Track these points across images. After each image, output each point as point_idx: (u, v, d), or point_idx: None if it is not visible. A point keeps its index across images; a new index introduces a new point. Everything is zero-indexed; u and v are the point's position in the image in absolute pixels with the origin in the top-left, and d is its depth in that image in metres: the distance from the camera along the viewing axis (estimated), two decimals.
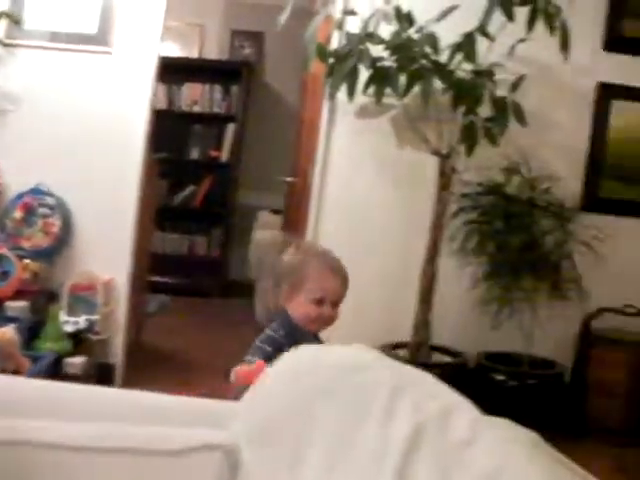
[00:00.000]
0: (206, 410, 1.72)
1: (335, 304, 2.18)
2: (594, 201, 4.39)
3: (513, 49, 3.89)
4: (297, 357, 1.63)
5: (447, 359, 4.10)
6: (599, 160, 4.41)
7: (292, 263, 2.21)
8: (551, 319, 4.15)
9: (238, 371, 1.99)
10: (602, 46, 4.39)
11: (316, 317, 2.17)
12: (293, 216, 4.76)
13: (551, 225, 4.03)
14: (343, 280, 2.21)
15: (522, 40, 3.82)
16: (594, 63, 4.36)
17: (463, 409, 1.40)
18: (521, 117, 3.87)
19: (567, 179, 4.24)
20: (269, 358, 2.03)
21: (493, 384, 4.05)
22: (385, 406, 1.36)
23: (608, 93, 4.39)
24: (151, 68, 4.13)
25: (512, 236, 3.91)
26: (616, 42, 4.39)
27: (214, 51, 7.01)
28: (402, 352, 4.02)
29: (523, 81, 3.96)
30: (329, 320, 2.20)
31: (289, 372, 1.58)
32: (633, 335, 4.30)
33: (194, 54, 6.97)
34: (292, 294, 2.19)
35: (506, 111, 3.85)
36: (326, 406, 1.41)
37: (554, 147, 4.33)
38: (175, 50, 6.81)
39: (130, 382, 4.11)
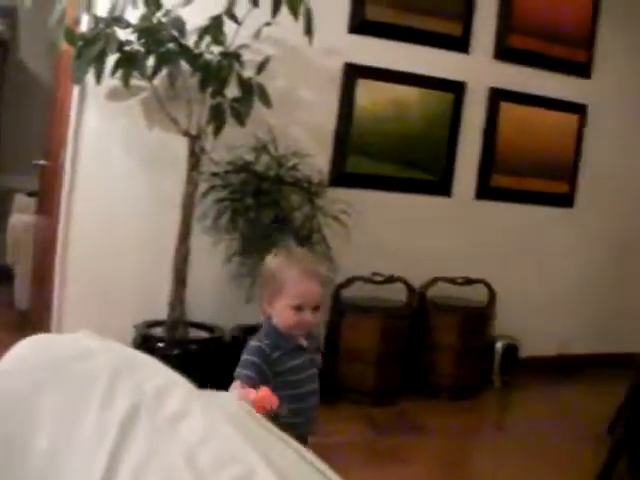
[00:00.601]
0: None
1: (315, 309, 2.24)
2: (341, 176, 4.82)
3: (259, 32, 4.17)
4: (24, 349, 1.66)
5: (204, 334, 4.35)
6: (345, 137, 4.83)
7: (270, 270, 2.28)
8: None
9: (248, 398, 2.00)
10: (348, 29, 4.80)
11: (296, 323, 2.23)
12: (47, 199, 4.85)
13: (300, 200, 4.39)
14: (321, 285, 2.28)
15: (268, 24, 4.10)
16: (340, 45, 4.76)
17: (179, 387, 1.50)
18: (265, 98, 4.17)
19: (315, 156, 4.62)
20: (258, 369, 2.19)
21: None
22: (105, 391, 1.44)
23: (354, 73, 4.81)
24: None
25: (263, 212, 4.22)
26: (360, 25, 4.81)
27: None
28: (159, 330, 4.25)
29: (268, 63, 4.24)
30: (309, 325, 2.26)
31: (17, 364, 1.62)
32: (383, 302, 4.77)
33: None
34: (272, 300, 2.25)
35: (252, 92, 4.15)
36: (53, 396, 1.47)
37: (303, 126, 4.70)
38: None
39: None
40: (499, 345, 5.34)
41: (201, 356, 4.20)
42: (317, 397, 2.33)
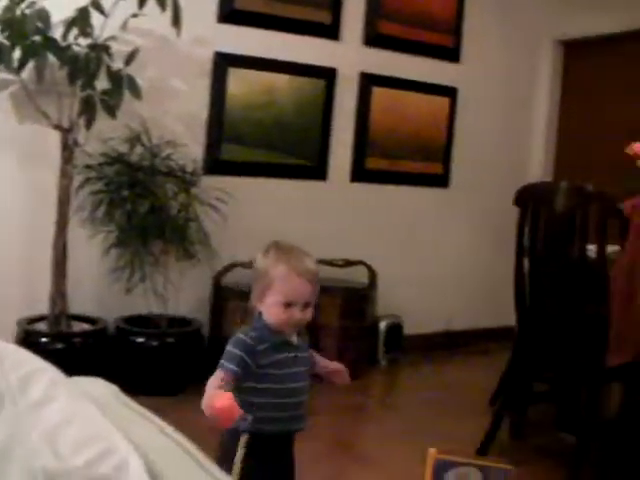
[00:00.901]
0: None
1: (305, 306, 2.22)
2: (216, 164, 4.93)
3: (126, 24, 4.23)
4: None
5: (87, 327, 4.41)
6: (219, 126, 4.93)
7: (260, 267, 2.27)
8: (184, 279, 4.65)
9: (213, 407, 1.99)
10: (217, 19, 4.92)
11: (284, 320, 2.21)
12: None
13: (176, 190, 4.48)
14: (311, 282, 2.23)
15: (135, 15, 4.17)
16: (210, 34, 4.87)
17: (44, 375, 1.55)
18: (135, 89, 4.24)
19: (189, 145, 4.71)
20: (241, 361, 2.15)
21: (135, 346, 4.45)
22: None
23: (224, 62, 4.92)
24: None
25: (138, 203, 4.31)
26: (229, 15, 4.93)
27: None
28: (42, 325, 4.30)
29: (137, 54, 4.31)
30: (299, 322, 2.24)
31: None
32: None
33: None
34: (262, 296, 2.24)
35: (121, 84, 4.22)
36: None
37: (175, 115, 4.78)
38: None
39: None
40: (383, 324, 5.53)
41: (85, 349, 4.27)
42: (304, 395, 2.30)
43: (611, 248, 3.52)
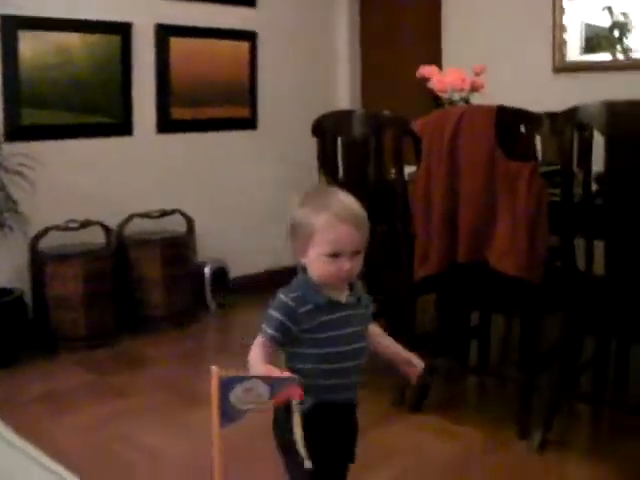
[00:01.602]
0: None
1: (354, 254, 2.00)
2: (18, 130, 4.85)
3: None
4: None
5: None
6: (15, 90, 4.85)
7: (300, 217, 2.05)
8: None
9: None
10: None
11: (333, 273, 1.99)
12: None
13: None
14: (358, 227, 2.01)
15: None
16: None
17: None
18: None
19: None
20: (281, 326, 1.98)
21: None
22: None
23: (12, 24, 4.80)
24: None
25: None
26: None
27: None
28: None
29: None
30: (349, 274, 2.01)
31: None
32: (80, 247, 4.91)
33: None
34: (305, 249, 2.03)
35: None
36: None
37: None
38: None
39: None
40: (207, 269, 5.65)
41: None
42: (359, 359, 2.09)
43: (409, 169, 3.71)
